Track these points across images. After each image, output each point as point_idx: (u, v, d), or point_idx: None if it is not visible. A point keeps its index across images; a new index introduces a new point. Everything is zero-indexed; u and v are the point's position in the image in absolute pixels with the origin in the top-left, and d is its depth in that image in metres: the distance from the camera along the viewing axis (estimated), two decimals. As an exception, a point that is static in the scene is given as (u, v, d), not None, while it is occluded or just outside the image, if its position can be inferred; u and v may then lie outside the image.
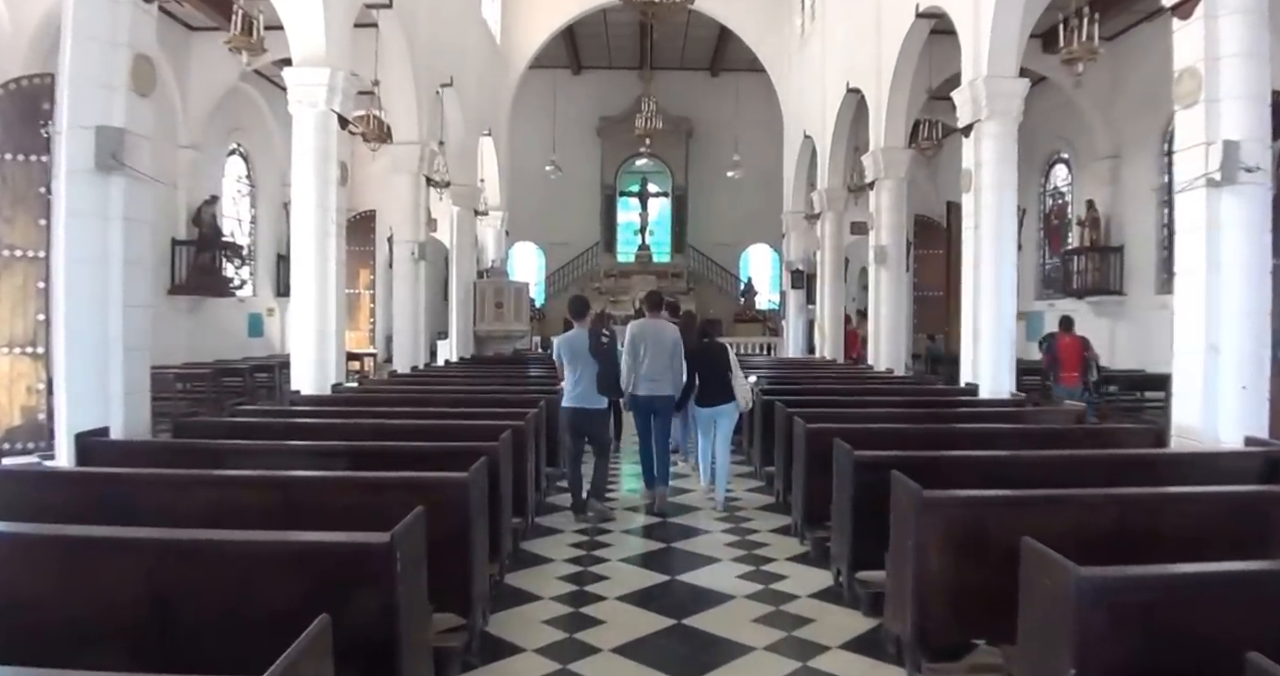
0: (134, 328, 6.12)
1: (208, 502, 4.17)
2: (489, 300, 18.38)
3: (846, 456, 4.69)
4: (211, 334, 15.57)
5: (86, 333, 5.91)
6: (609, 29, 23.39)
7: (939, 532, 3.52)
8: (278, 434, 6.05)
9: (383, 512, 3.43)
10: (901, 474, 3.80)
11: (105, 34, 5.92)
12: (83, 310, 5.91)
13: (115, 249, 5.97)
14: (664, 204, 27.27)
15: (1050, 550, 2.59)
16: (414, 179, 13.95)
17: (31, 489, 4.37)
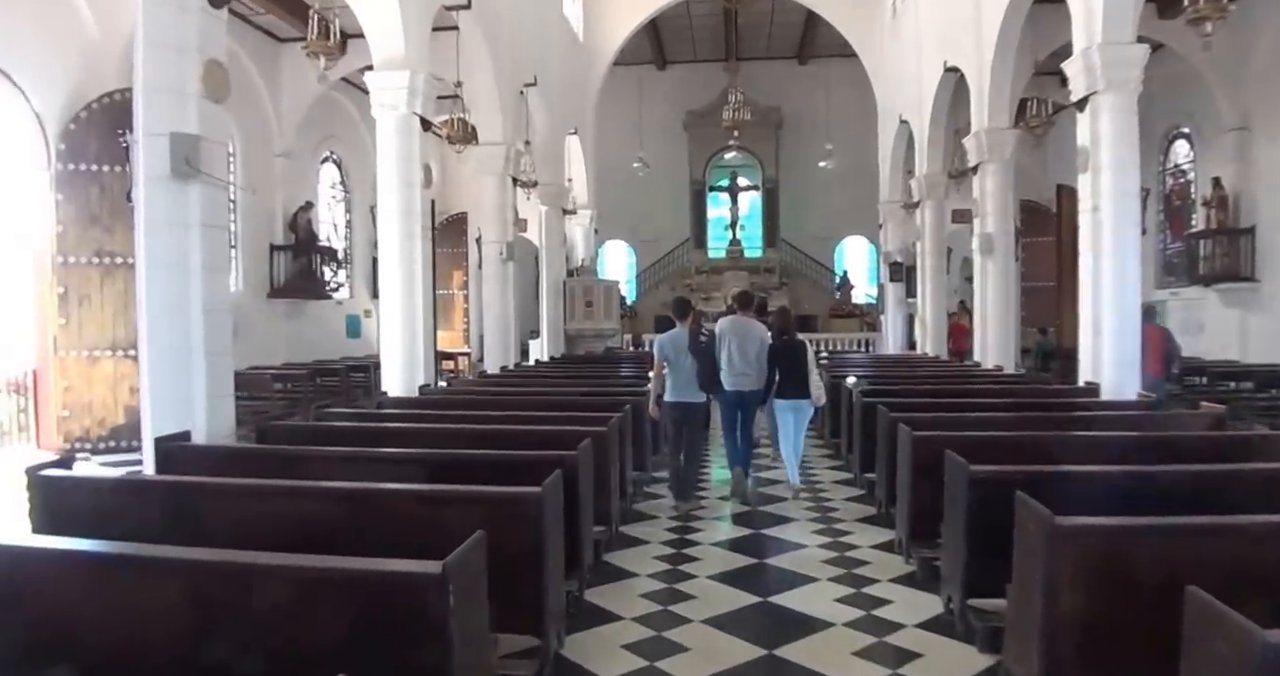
0: (215, 333, 6.10)
1: (272, 515, 4.01)
2: (579, 299, 18.27)
3: (960, 471, 4.20)
4: (311, 335, 15.87)
5: (167, 338, 5.92)
6: (693, 21, 22.97)
7: (1073, 565, 3.03)
8: (357, 439, 5.91)
9: (451, 528, 3.27)
10: (1027, 496, 3.31)
11: (175, 41, 5.89)
12: (163, 316, 5.92)
13: (194, 255, 5.95)
14: (754, 197, 26.68)
15: (1226, 608, 2.09)
16: (500, 179, 13.86)
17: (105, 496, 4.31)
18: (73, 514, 4.20)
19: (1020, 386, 9.67)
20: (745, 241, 26.14)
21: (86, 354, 9.85)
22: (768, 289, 24.09)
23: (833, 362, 12.74)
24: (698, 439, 7.54)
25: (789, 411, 7.63)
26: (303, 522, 3.90)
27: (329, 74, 8.64)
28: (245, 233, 14.37)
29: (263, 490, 4.21)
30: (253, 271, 14.51)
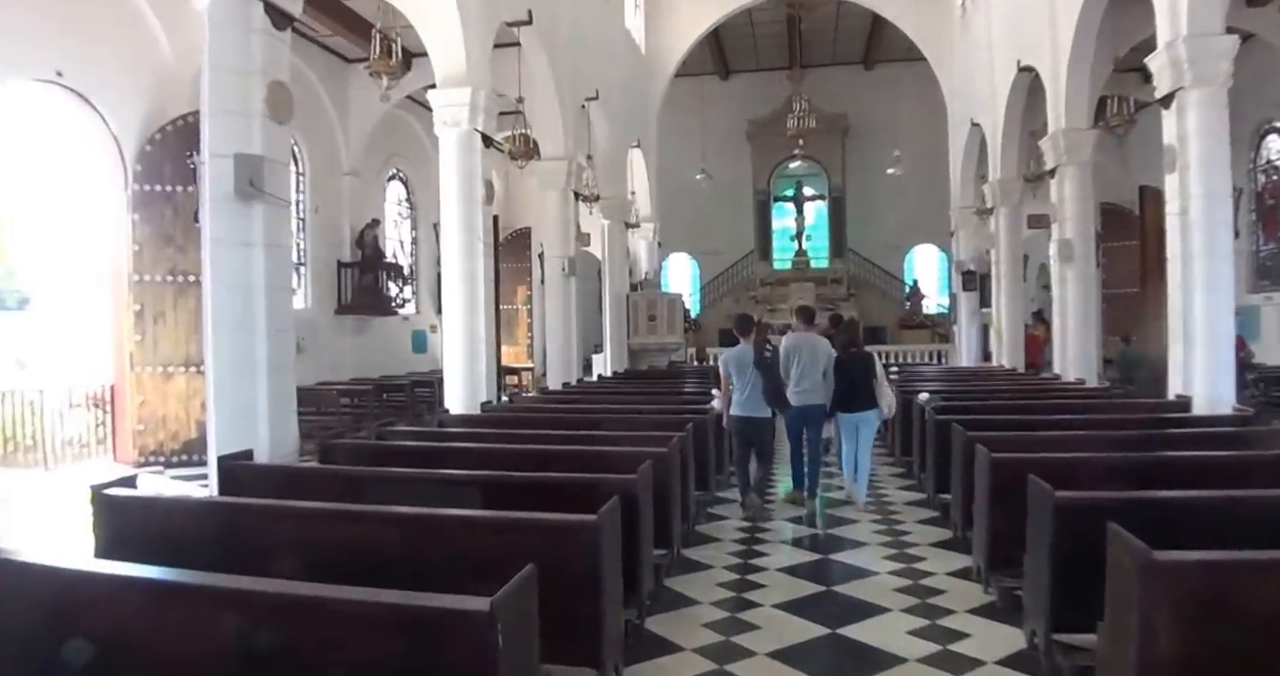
0: (278, 351, 6.13)
1: (330, 539, 3.97)
2: (642, 313, 18.16)
3: (1044, 498, 3.92)
4: (378, 351, 16.08)
5: (232, 356, 5.98)
6: (755, 30, 22.79)
7: (1173, 604, 2.75)
8: (417, 459, 5.85)
9: (507, 555, 3.22)
10: (1119, 528, 3.04)
11: (240, 63, 5.95)
12: (228, 334, 5.97)
13: (258, 274, 5.99)
14: (820, 207, 26.28)
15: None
16: (562, 194, 13.87)
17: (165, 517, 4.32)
18: (135, 533, 4.24)
19: (1105, 401, 9.20)
20: (811, 252, 25.75)
21: (161, 369, 10.10)
22: (835, 300, 23.69)
23: (904, 376, 12.34)
24: (765, 453, 7.53)
25: (854, 424, 7.67)
26: (360, 547, 3.87)
27: (391, 93, 8.72)
28: (314, 250, 14.64)
29: (320, 514, 4.16)
30: (321, 288, 14.76)
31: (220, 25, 5.92)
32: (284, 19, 6.22)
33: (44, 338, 14.47)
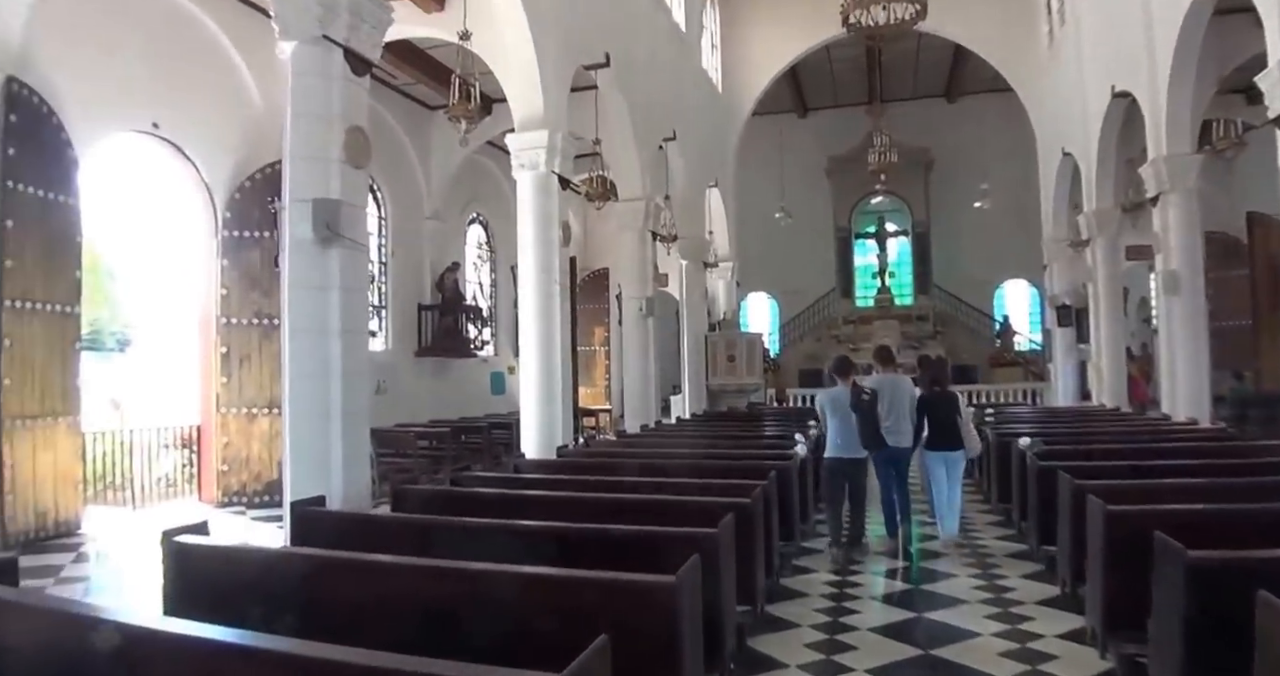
0: (352, 395, 6.07)
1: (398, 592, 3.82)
2: (720, 353, 17.91)
3: (1175, 558, 3.49)
4: (456, 392, 16.16)
5: (307, 400, 5.95)
6: (833, 66, 22.60)
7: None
8: (490, 508, 5.69)
9: (578, 616, 3.14)
10: (1270, 596, 2.65)
11: (320, 110, 6.00)
12: (303, 378, 5.95)
13: (333, 317, 5.96)
14: (903, 243, 25.66)
15: None
16: (639, 235, 13.81)
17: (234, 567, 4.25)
18: (203, 582, 4.16)
19: (1224, 444, 8.51)
20: (895, 289, 25.10)
21: (245, 411, 10.26)
22: (920, 338, 23.01)
23: (999, 418, 11.72)
24: (860, 495, 7.58)
25: (940, 463, 7.64)
26: (426, 603, 3.71)
27: (470, 137, 8.79)
28: (395, 293, 14.87)
29: (388, 568, 4.02)
30: (401, 331, 14.95)
31: (302, 72, 6.00)
32: (363, 65, 6.28)
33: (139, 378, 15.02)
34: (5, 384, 7.71)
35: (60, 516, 8.26)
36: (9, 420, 7.75)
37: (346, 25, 6.03)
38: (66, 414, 8.40)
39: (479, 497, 6.15)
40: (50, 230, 8.11)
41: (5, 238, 7.68)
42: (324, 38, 5.92)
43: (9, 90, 7.74)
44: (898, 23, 11.18)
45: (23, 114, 7.82)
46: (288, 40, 6.00)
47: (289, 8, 5.95)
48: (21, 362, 7.85)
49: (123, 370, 16.59)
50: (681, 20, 16.93)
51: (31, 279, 7.93)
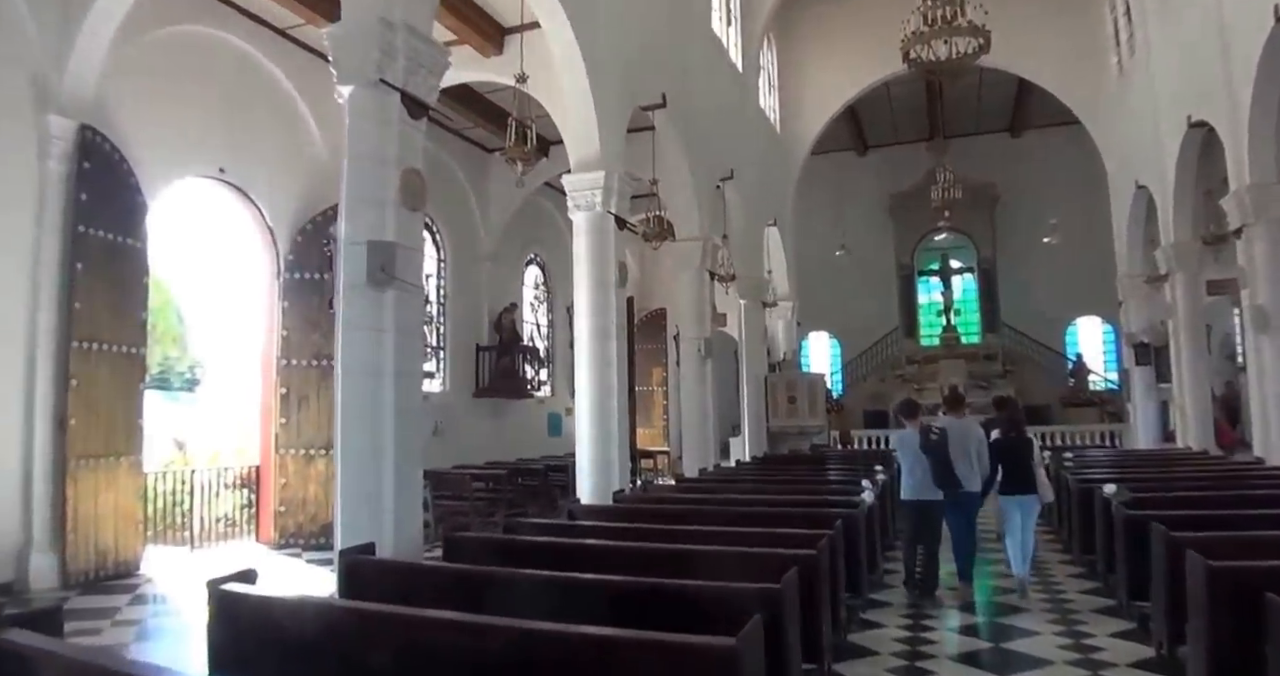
0: (404, 439, 5.97)
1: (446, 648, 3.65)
2: (781, 394, 17.56)
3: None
4: (514, 434, 16.08)
5: (359, 443, 5.86)
6: (893, 103, 22.35)
7: None
8: (542, 557, 5.49)
9: None
10: None
11: (376, 152, 5.99)
12: (356, 421, 5.86)
13: (387, 360, 5.88)
14: (968, 280, 25.07)
15: None
16: (697, 274, 13.66)
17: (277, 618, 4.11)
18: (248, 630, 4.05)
19: (1328, 493, 7.89)
20: (961, 327, 24.45)
21: (303, 452, 10.28)
22: (989, 377, 22.33)
23: (1078, 462, 11.15)
24: (934, 537, 7.48)
25: (1015, 507, 7.53)
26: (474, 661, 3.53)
27: (526, 178, 8.77)
28: (453, 334, 14.92)
29: (435, 623, 3.84)
30: (459, 372, 14.96)
31: (359, 115, 6.02)
32: (419, 109, 6.27)
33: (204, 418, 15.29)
34: (71, 423, 7.83)
35: (120, 556, 8.31)
36: (73, 459, 7.85)
37: (403, 69, 6.04)
38: (129, 453, 8.49)
39: (531, 546, 5.95)
40: (118, 273, 8.29)
41: (75, 280, 7.87)
42: (381, 82, 5.93)
43: (82, 138, 7.98)
44: (959, 57, 10.95)
45: (95, 161, 8.05)
46: (345, 84, 6.03)
47: (347, 53, 5.99)
48: (87, 403, 7.98)
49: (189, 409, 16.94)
50: (739, 60, 16.93)
51: (99, 321, 8.08)
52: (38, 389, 7.74)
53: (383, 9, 5.95)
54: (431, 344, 14.59)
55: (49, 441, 7.77)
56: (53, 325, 7.79)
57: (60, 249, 7.84)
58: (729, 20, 16.69)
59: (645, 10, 11.70)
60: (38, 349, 7.75)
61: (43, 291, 7.79)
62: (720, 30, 15.87)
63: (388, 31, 5.91)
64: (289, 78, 10.47)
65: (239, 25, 9.95)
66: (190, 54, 9.48)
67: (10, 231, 7.66)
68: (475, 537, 6.50)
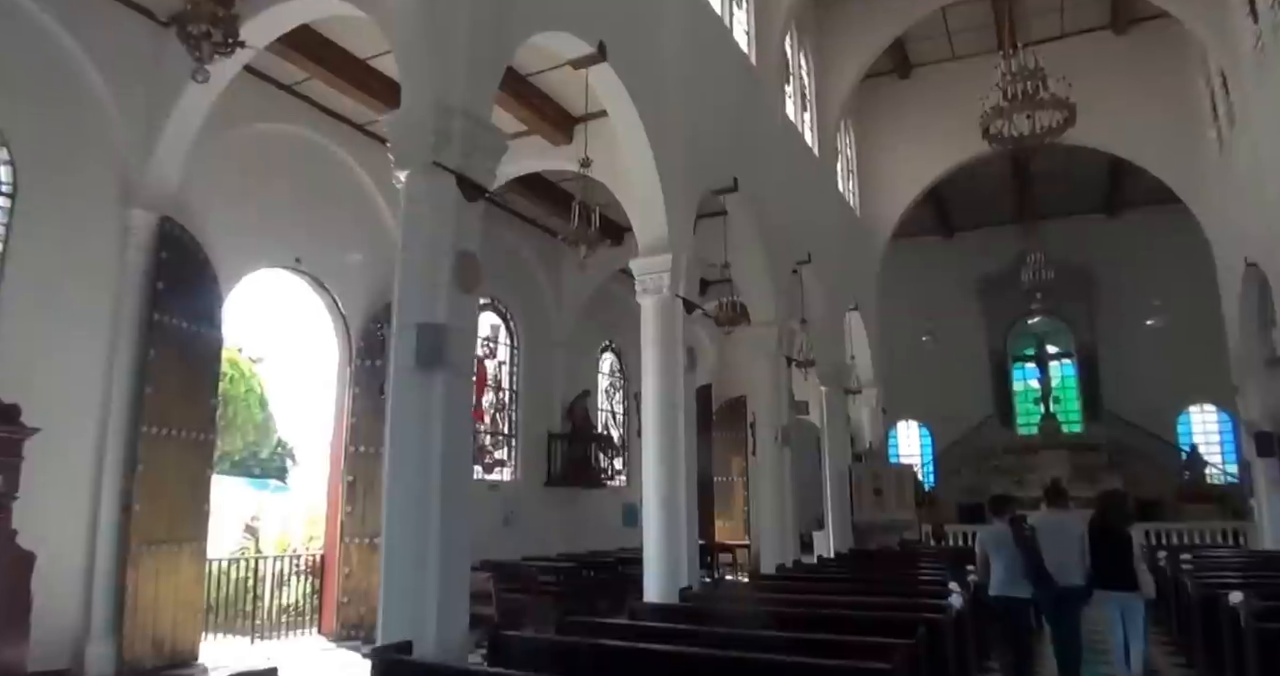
0: (451, 530, 5.67)
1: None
2: (866, 486, 16.75)
3: None
4: (587, 524, 15.65)
5: (404, 534, 5.63)
6: (978, 184, 21.83)
7: None
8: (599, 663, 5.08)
9: None
10: None
11: (431, 235, 5.96)
12: (401, 511, 5.63)
13: (435, 447, 5.67)
14: (1067, 366, 23.92)
15: None
16: (773, 360, 13.26)
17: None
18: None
19: None
20: (1061, 415, 23.12)
21: (368, 541, 10.09)
22: (1094, 469, 20.95)
23: (1198, 564, 10.11)
24: (1025, 640, 7.38)
25: (1114, 605, 7.27)
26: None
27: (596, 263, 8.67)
28: (525, 422, 14.76)
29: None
30: (530, 460, 14.73)
31: (414, 198, 6.02)
32: (476, 192, 6.23)
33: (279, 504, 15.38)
34: (135, 509, 7.84)
35: (178, 646, 8.17)
36: (135, 545, 7.83)
37: (459, 152, 6.03)
38: (193, 540, 8.45)
39: (583, 648, 5.52)
40: (190, 359, 8.43)
41: (148, 366, 8.00)
42: (435, 164, 5.92)
43: (162, 229, 8.26)
44: (1043, 132, 10.56)
45: (173, 251, 8.30)
46: (402, 169, 6.05)
47: (403, 137, 6.03)
48: (153, 487, 8.00)
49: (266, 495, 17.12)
50: (814, 145, 16.86)
51: (169, 406, 8.18)
52: (105, 474, 7.82)
53: (440, 94, 5.99)
54: (503, 431, 14.46)
55: (113, 527, 7.78)
56: (124, 410, 7.91)
57: (135, 336, 8.03)
58: (804, 106, 16.71)
59: (715, 96, 11.74)
60: (108, 434, 7.86)
61: (116, 378, 7.95)
62: (794, 115, 15.86)
63: (444, 116, 5.94)
64: (364, 169, 10.74)
65: (318, 121, 10.32)
66: (270, 148, 9.84)
67: (89, 320, 7.89)
68: (523, 638, 6.08)
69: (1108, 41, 18.08)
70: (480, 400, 13.95)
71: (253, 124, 9.51)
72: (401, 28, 6.34)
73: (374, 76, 9.32)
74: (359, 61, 9.26)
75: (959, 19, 18.01)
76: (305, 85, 9.87)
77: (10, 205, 7.47)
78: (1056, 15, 17.76)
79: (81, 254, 7.88)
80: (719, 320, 12.57)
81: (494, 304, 14.46)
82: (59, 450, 7.38)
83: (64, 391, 7.62)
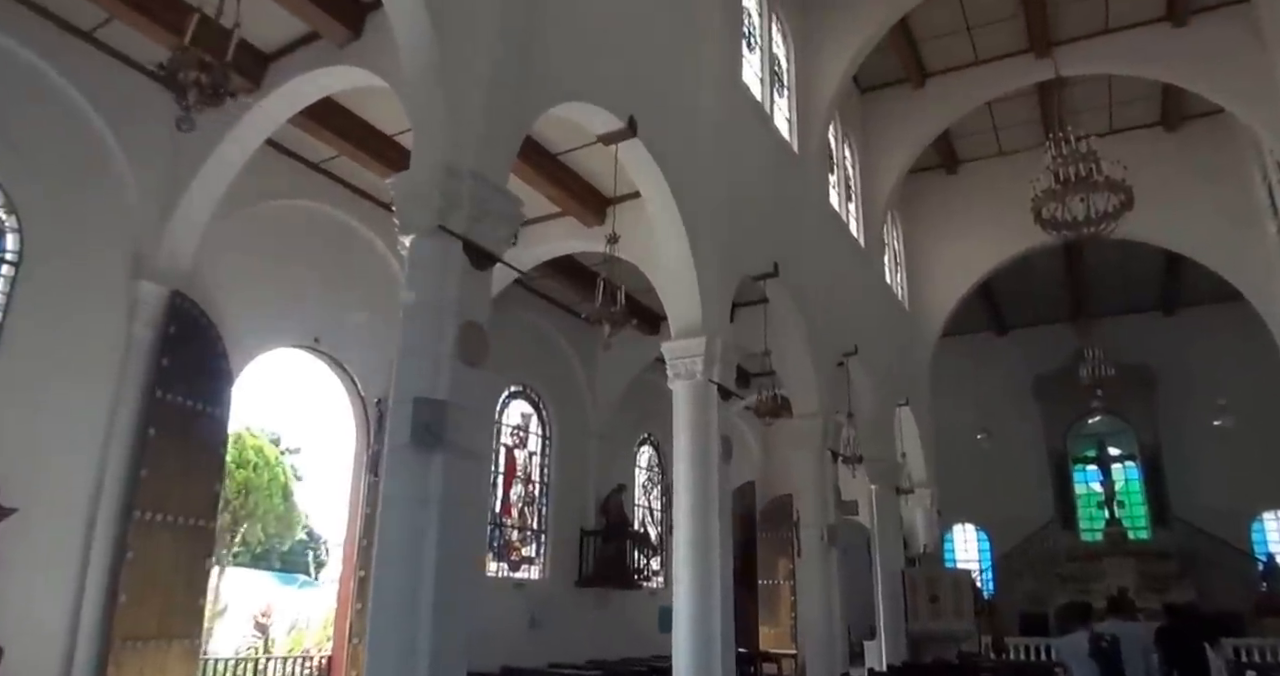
0: (444, 639, 4.99)
1: None
2: (921, 592, 15.53)
3: None
4: (621, 628, 14.66)
5: (390, 640, 4.95)
6: (1030, 281, 21.19)
7: None
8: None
9: None
10: None
11: (435, 302, 5.52)
12: (387, 612, 4.99)
13: (430, 539, 5.07)
14: (1130, 468, 22.58)
15: None
16: (817, 454, 12.53)
17: None
18: None
19: None
20: (1126, 521, 21.71)
21: (375, 645, 9.36)
22: (1164, 578, 19.47)
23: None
24: None
25: None
26: None
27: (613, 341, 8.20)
28: (555, 517, 14.05)
29: None
30: (561, 558, 13.93)
31: (417, 263, 5.63)
32: (485, 259, 5.83)
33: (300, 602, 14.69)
34: (121, 600, 7.30)
35: (162, 757, 7.46)
36: (119, 641, 7.26)
37: (468, 217, 5.66)
38: (185, 636, 7.84)
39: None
40: (193, 440, 8.03)
41: (146, 446, 7.60)
42: (440, 229, 5.55)
43: (172, 303, 8.01)
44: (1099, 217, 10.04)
45: (181, 326, 8.03)
46: (406, 234, 5.70)
47: (409, 199, 5.70)
48: (143, 578, 7.48)
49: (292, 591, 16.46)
50: (860, 236, 16.46)
51: (167, 490, 7.73)
52: (92, 561, 7.32)
53: (449, 155, 5.68)
54: (533, 527, 13.74)
55: (97, 619, 7.23)
56: (116, 493, 7.48)
57: (134, 413, 7.66)
58: (848, 196, 16.40)
59: (754, 180, 11.43)
60: (98, 518, 7.40)
61: (111, 456, 7.56)
62: (839, 205, 15.53)
63: (451, 178, 5.60)
64: (388, 247, 10.46)
65: (339, 197, 10.14)
66: (289, 225, 9.67)
67: (89, 394, 7.58)
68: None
69: (1159, 138, 17.69)
70: (508, 493, 13.33)
71: (275, 200, 9.40)
72: (415, 88, 6.10)
73: (400, 152, 9.16)
74: (384, 136, 9.13)
75: (1005, 115, 17.82)
76: (331, 163, 9.77)
77: (14, 273, 7.27)
78: (1104, 112, 17.46)
79: (86, 325, 7.64)
80: (759, 411, 11.91)
81: (525, 391, 13.99)
82: (42, 532, 6.97)
83: (55, 469, 7.25)
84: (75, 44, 7.74)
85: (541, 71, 6.85)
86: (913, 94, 16.92)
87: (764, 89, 12.68)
